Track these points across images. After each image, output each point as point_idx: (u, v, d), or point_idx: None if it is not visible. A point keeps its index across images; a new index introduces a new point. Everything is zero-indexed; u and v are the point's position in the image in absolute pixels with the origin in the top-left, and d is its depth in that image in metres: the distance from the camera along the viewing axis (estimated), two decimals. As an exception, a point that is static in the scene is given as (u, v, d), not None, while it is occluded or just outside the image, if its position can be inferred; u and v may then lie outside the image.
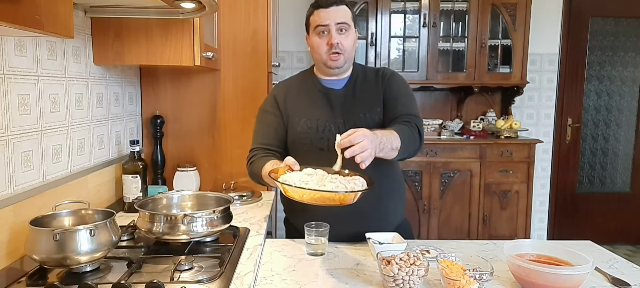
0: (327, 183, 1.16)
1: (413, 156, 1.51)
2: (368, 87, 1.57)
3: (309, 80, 1.61)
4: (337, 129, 1.48)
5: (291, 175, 1.21)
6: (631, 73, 4.14)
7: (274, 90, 1.67)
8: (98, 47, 1.71)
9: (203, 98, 2.17)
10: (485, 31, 3.63)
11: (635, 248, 4.17)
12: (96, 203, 1.69)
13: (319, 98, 1.56)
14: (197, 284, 1.12)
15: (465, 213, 3.61)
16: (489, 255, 1.39)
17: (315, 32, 1.51)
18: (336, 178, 1.20)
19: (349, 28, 1.50)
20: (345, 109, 1.53)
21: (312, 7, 1.53)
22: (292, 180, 1.16)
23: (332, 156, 1.32)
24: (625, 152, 4.22)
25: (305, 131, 1.52)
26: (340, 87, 1.57)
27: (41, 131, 1.39)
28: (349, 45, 1.51)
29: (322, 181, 1.18)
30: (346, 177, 1.21)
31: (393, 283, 1.09)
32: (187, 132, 2.18)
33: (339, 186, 1.15)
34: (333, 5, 1.48)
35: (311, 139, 1.51)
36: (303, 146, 1.52)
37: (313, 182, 1.17)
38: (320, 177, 1.20)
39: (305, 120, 1.53)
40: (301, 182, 1.16)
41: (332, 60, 1.50)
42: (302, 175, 1.21)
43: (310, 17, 1.54)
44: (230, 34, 2.16)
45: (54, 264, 1.16)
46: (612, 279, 1.21)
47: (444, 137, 3.72)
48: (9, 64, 1.25)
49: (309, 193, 1.11)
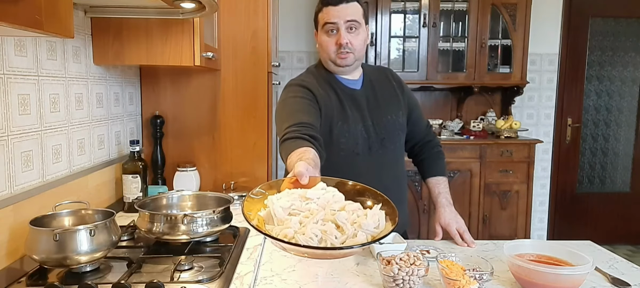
0: (312, 224, 0.81)
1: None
2: (384, 88, 1.55)
3: (328, 78, 1.50)
4: (367, 131, 1.46)
5: (281, 198, 0.88)
6: (631, 73, 4.14)
7: (301, 84, 1.45)
8: (98, 47, 1.71)
9: (203, 98, 2.17)
10: (485, 31, 3.63)
11: (635, 248, 4.17)
12: (96, 203, 1.69)
13: (346, 99, 1.48)
14: (197, 284, 1.12)
15: (465, 213, 3.61)
16: (489, 255, 1.39)
17: (324, 30, 1.44)
18: (343, 207, 0.88)
19: (359, 26, 1.43)
20: (371, 111, 1.49)
21: (321, 3, 1.45)
22: (274, 208, 0.84)
23: (366, 161, 1.43)
24: (625, 152, 4.22)
25: (343, 135, 1.44)
26: (359, 87, 1.52)
27: (41, 131, 1.39)
28: (359, 44, 1.45)
29: (315, 215, 0.84)
30: (356, 213, 0.87)
31: (393, 283, 1.09)
32: (187, 132, 2.18)
33: (329, 232, 0.80)
34: (343, 2, 1.41)
35: (348, 144, 1.44)
36: (340, 152, 1.44)
37: (298, 218, 0.83)
38: (319, 208, 0.86)
39: (341, 124, 1.44)
40: (290, 212, 0.85)
41: (341, 58, 1.44)
42: (296, 199, 0.88)
43: (318, 14, 1.46)
44: (230, 34, 2.16)
45: (54, 264, 1.16)
46: (612, 279, 1.21)
47: (444, 137, 3.72)
48: (9, 64, 1.25)
49: (282, 244, 0.78)
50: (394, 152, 1.52)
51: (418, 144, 1.68)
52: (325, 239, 0.79)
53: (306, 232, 0.78)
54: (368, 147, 1.46)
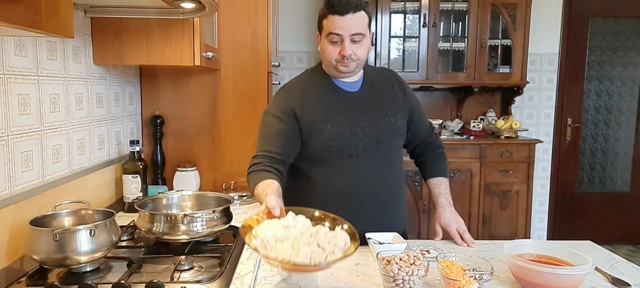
0: (302, 246, 1.03)
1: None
2: (384, 89, 1.55)
3: (323, 83, 1.50)
4: (363, 132, 1.46)
5: (266, 228, 1.08)
6: (631, 73, 4.14)
7: (286, 95, 1.50)
8: (98, 47, 1.71)
9: (203, 98, 2.17)
10: (485, 31, 3.62)
11: (635, 248, 4.17)
12: (96, 203, 1.69)
13: (340, 101, 1.48)
14: (197, 284, 1.12)
15: (466, 213, 3.61)
16: (489, 255, 1.39)
17: (328, 39, 1.40)
18: (317, 231, 1.09)
19: (364, 37, 1.40)
20: (369, 112, 1.49)
21: (326, 8, 1.39)
22: (266, 237, 1.05)
23: (361, 162, 1.44)
24: (625, 152, 4.22)
25: (333, 137, 1.43)
26: (357, 89, 1.51)
27: (41, 131, 1.39)
28: (362, 54, 1.42)
29: (300, 239, 1.06)
30: (328, 234, 1.09)
31: (393, 283, 1.09)
32: (187, 132, 2.18)
33: (315, 252, 1.02)
34: (349, 13, 1.35)
35: (340, 146, 1.44)
36: (330, 154, 1.44)
37: (288, 242, 1.05)
38: (299, 233, 1.08)
39: (331, 126, 1.43)
40: (276, 238, 1.05)
41: (343, 66, 1.42)
42: (279, 228, 1.08)
43: (323, 20, 1.41)
44: (230, 34, 2.16)
45: (54, 264, 1.16)
46: (612, 279, 1.21)
47: (444, 137, 3.72)
48: (9, 64, 1.25)
49: (282, 263, 1.01)
50: (389, 153, 1.52)
51: (420, 145, 1.68)
52: (314, 257, 1.01)
53: (299, 253, 1.01)
54: (362, 148, 1.46)
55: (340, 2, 1.36)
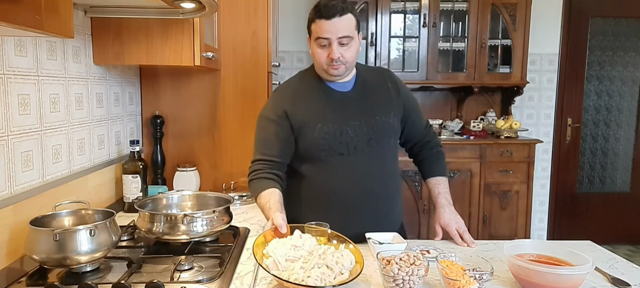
0: (312, 269, 1.11)
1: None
2: (377, 89, 1.56)
3: (314, 84, 1.53)
4: (354, 131, 1.47)
5: (277, 248, 1.16)
6: (631, 73, 4.14)
7: (278, 97, 1.55)
8: (98, 47, 1.71)
9: (203, 98, 2.17)
10: (485, 31, 3.62)
11: (635, 248, 4.17)
12: (96, 203, 1.69)
13: (331, 101, 1.50)
14: (197, 284, 1.12)
15: (466, 213, 3.61)
16: (489, 255, 1.39)
17: (317, 43, 1.44)
18: (324, 251, 1.17)
19: (351, 40, 1.42)
20: (360, 112, 1.50)
21: (314, 13, 1.43)
22: (277, 258, 1.13)
23: (352, 160, 1.44)
24: (625, 152, 4.22)
25: (323, 136, 1.46)
26: (349, 89, 1.53)
27: (41, 131, 1.39)
28: (351, 57, 1.44)
29: (309, 259, 1.14)
30: (335, 254, 1.17)
31: (393, 283, 1.09)
32: (187, 132, 2.18)
33: (325, 273, 1.10)
34: (336, 16, 1.38)
35: (330, 144, 1.46)
36: (321, 152, 1.46)
37: (298, 263, 1.13)
38: (308, 253, 1.17)
39: (321, 126, 1.46)
40: (287, 259, 1.13)
41: (333, 68, 1.44)
42: (289, 248, 1.16)
43: (312, 24, 1.45)
44: (230, 34, 2.16)
45: (54, 264, 1.16)
46: (612, 279, 1.21)
47: (444, 137, 3.72)
48: (9, 64, 1.25)
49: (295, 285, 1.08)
50: (381, 152, 1.53)
51: (417, 144, 1.68)
52: (324, 279, 1.09)
53: (311, 274, 1.08)
54: (353, 146, 1.47)
55: (326, 7, 1.39)
